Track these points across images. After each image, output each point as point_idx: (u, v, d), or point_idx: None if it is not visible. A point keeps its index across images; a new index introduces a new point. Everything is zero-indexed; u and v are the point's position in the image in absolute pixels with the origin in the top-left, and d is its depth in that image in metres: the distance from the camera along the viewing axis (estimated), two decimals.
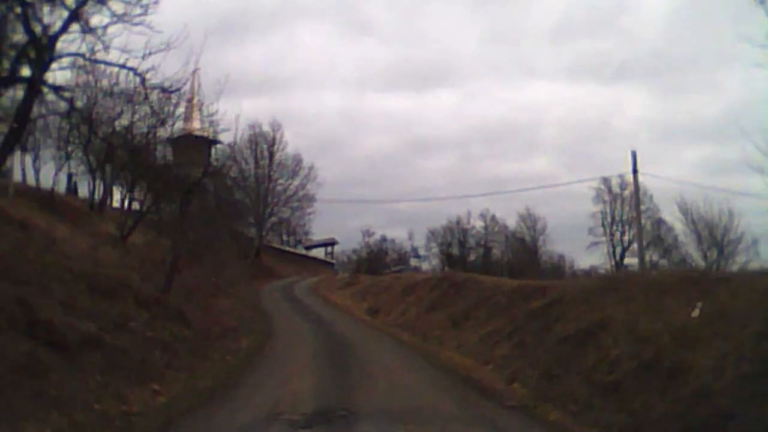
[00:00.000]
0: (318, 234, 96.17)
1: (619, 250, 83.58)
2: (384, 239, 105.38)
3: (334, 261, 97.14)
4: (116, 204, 45.28)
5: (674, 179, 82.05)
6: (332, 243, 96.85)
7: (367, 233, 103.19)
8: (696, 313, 11.51)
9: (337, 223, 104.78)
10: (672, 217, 49.67)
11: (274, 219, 69.52)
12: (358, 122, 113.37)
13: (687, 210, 51.07)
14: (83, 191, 46.90)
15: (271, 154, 67.68)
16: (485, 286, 23.26)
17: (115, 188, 44.42)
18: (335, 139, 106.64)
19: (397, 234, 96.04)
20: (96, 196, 42.56)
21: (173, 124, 34.85)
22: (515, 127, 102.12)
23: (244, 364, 18.36)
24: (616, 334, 12.58)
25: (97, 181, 42.32)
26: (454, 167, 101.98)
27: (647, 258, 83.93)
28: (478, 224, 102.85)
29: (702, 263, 48.94)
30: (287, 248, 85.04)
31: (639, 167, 35.44)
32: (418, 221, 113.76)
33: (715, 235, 52.35)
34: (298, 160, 68.27)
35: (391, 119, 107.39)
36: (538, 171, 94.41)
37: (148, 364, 14.26)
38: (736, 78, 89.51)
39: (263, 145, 67.68)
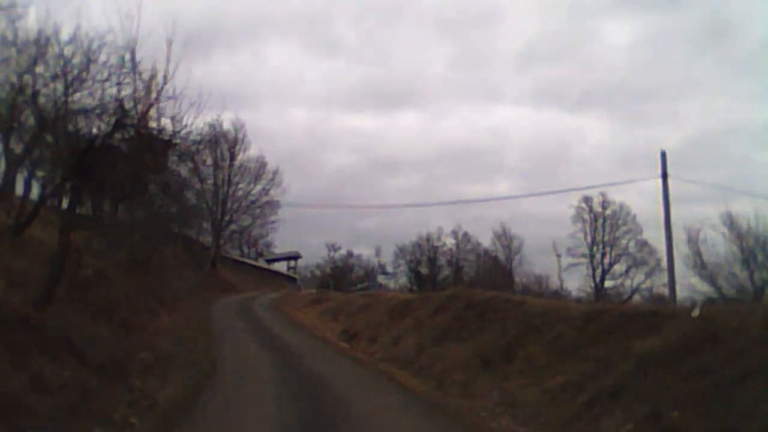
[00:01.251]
0: (280, 248, 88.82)
1: (599, 272, 77.44)
2: (350, 254, 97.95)
3: (297, 276, 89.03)
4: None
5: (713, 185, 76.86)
6: (295, 257, 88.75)
7: (333, 248, 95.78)
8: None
9: (300, 238, 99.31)
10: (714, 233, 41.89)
11: (233, 227, 61.17)
12: (323, 140, 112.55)
13: (732, 224, 42.99)
14: None
15: (233, 156, 59.69)
16: (531, 311, 15.48)
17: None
18: (300, 157, 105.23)
19: (362, 252, 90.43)
20: None
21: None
22: (479, 149, 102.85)
23: None
24: None
25: None
26: (417, 187, 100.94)
27: (628, 282, 78.63)
28: (449, 241, 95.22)
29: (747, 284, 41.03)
30: (247, 260, 76.63)
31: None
32: (383, 240, 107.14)
33: None
34: (261, 163, 60.44)
35: (356, 138, 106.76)
36: (500, 193, 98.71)
37: None
38: (695, 108, 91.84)
39: (224, 145, 59.62)
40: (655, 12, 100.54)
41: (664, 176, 31.63)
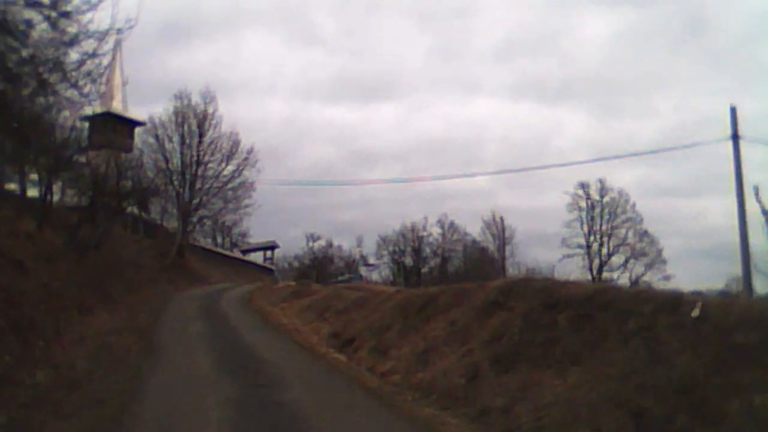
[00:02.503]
0: (257, 239, 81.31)
1: (596, 263, 70.65)
2: (330, 245, 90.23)
3: (274, 267, 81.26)
4: None
5: None
6: (272, 247, 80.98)
7: (312, 238, 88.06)
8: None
9: (278, 230, 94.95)
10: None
11: (203, 212, 53.06)
12: (302, 131, 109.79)
13: None
14: None
15: (201, 132, 51.58)
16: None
17: None
18: (278, 148, 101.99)
19: (343, 243, 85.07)
20: None
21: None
22: (457, 142, 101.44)
23: None
24: None
25: None
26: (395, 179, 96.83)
27: (628, 273, 71.85)
28: (435, 231, 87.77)
29: None
30: (219, 250, 68.65)
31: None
32: (363, 233, 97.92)
33: None
34: (234, 141, 52.31)
35: (335, 130, 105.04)
36: (478, 186, 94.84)
37: None
38: (670, 103, 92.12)
39: (192, 120, 51.56)
40: (632, 6, 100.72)
41: (735, 138, 24.53)
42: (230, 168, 52.20)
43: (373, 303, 22.05)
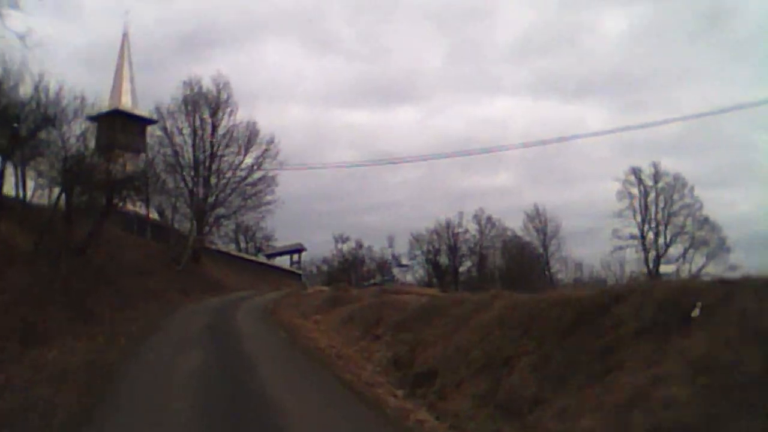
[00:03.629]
0: (282, 243, 74.49)
1: (653, 255, 62.27)
2: (359, 246, 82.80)
3: (301, 272, 74.05)
4: None
5: None
6: (299, 250, 73.71)
7: (341, 239, 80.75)
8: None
9: (303, 235, 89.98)
10: None
11: (221, 211, 45.68)
12: (323, 137, 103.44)
13: None
14: None
15: (215, 122, 44.38)
16: None
17: None
18: (301, 154, 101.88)
19: (373, 244, 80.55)
20: None
21: None
22: (479, 142, 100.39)
23: None
24: None
25: None
26: (418, 181, 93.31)
27: (687, 265, 63.49)
28: (472, 227, 79.90)
29: None
30: (241, 254, 61.57)
31: None
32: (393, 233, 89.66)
33: None
34: (252, 130, 45.00)
35: (356, 134, 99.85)
36: (502, 184, 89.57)
37: None
38: (692, 95, 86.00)
39: (203, 108, 44.33)
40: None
41: None
42: (248, 161, 44.94)
43: (450, 314, 14.61)
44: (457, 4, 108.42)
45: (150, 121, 47.47)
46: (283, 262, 72.66)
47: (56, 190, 23.23)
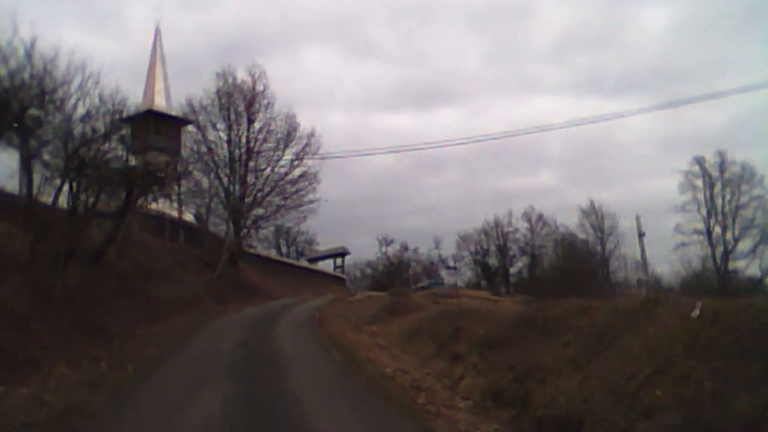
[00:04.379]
0: (324, 247, 70.70)
1: (720, 251, 56.37)
2: (405, 248, 78.38)
3: (345, 276, 70.03)
4: None
5: None
6: (342, 254, 69.67)
7: (385, 241, 76.49)
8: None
9: (343, 239, 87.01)
10: None
11: (259, 211, 41.71)
12: (363, 141, 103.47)
13: None
14: None
15: (251, 115, 40.49)
16: None
17: None
18: (341, 159, 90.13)
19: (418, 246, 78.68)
20: None
21: None
22: (519, 141, 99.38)
23: None
24: None
25: None
26: (458, 184, 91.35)
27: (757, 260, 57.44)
28: (522, 226, 74.88)
29: None
30: (281, 258, 57.75)
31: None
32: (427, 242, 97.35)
33: None
34: (292, 124, 40.94)
35: (396, 138, 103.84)
36: (542, 184, 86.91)
37: None
38: (737, 87, 79.84)
39: (239, 101, 40.42)
40: None
41: None
42: (288, 157, 40.81)
43: (571, 327, 10.21)
44: (494, 5, 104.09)
45: (185, 122, 43.40)
46: (325, 266, 68.77)
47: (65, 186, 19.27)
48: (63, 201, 20.16)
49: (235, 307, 30.45)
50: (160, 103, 47.52)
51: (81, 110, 19.09)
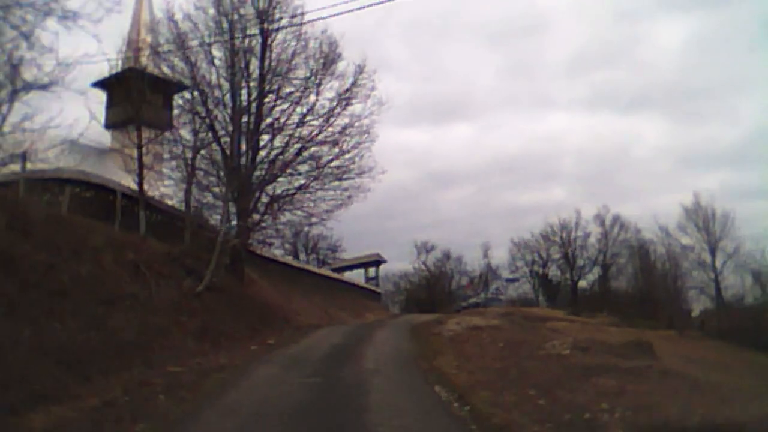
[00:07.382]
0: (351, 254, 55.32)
1: None
2: (447, 257, 62.69)
3: (380, 290, 54.23)
4: None
5: None
6: (377, 262, 53.91)
7: (425, 247, 60.85)
8: None
9: (370, 247, 75.36)
10: None
11: (275, 189, 25.67)
12: (376, 156, 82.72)
13: None
14: None
15: (266, 34, 24.64)
16: None
17: None
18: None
19: (464, 254, 72.81)
20: None
21: None
22: (533, 157, 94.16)
23: None
24: None
25: None
26: (472, 198, 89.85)
27: None
28: (595, 230, 58.77)
29: None
30: (306, 266, 41.78)
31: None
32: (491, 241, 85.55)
33: None
34: (330, 45, 25.04)
35: (409, 153, 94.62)
36: (557, 200, 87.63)
37: None
38: (753, 104, 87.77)
39: (248, 9, 24.53)
40: (706, 9, 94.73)
41: None
42: (323, 98, 24.91)
43: None
44: (509, 22, 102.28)
45: (180, 87, 26.76)
46: (353, 276, 52.34)
47: None
48: None
49: (244, 344, 14.75)
50: (145, 62, 31.34)
51: None
